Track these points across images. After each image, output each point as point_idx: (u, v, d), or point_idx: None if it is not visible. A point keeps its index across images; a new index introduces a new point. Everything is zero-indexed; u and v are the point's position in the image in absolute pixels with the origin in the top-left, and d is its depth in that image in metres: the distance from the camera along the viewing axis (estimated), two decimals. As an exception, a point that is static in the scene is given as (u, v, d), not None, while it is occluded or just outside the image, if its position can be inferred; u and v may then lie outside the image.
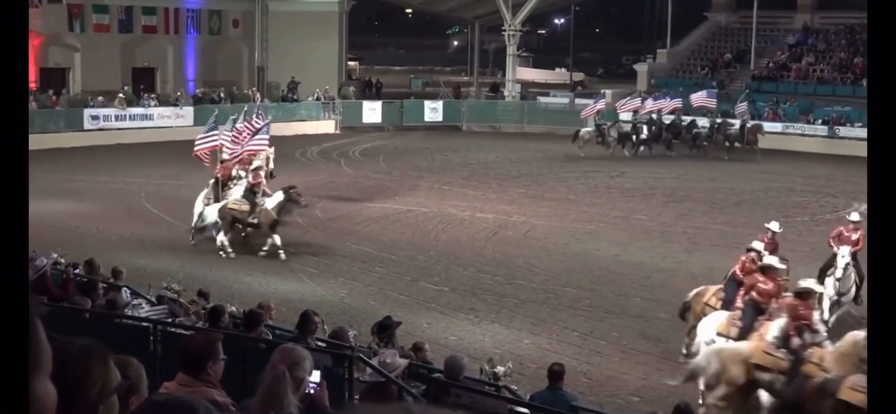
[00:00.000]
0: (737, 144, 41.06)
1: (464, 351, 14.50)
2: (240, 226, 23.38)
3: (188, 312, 13.26)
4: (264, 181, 24.19)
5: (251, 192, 23.42)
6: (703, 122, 42.65)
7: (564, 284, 20.97)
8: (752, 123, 41.90)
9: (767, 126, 41.87)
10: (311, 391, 5.31)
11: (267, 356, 5.51)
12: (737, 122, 41.93)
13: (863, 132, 44.20)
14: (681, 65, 56.13)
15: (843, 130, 44.44)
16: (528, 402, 10.41)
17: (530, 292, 20.29)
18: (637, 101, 43.28)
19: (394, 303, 19.06)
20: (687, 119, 42.46)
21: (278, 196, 23.39)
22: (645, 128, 41.54)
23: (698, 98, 43.27)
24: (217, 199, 23.98)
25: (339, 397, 8.44)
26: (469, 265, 22.35)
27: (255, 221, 23.18)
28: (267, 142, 25.57)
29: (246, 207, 23.19)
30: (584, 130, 41.46)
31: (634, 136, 41.37)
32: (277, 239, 22.84)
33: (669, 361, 16.13)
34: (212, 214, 23.69)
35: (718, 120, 42.35)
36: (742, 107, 42.89)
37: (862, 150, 42.03)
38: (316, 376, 5.38)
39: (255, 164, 24.56)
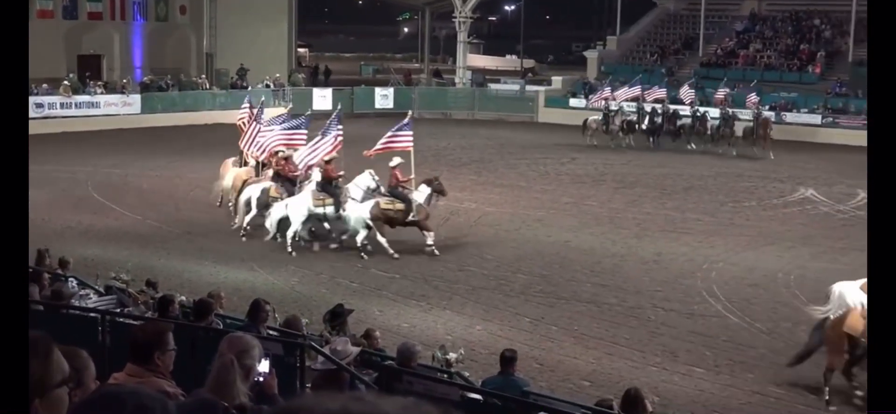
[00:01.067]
0: (740, 137, 38.70)
1: (416, 338, 14.51)
2: (390, 226, 22.18)
3: (137, 301, 13.14)
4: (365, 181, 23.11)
5: (329, 184, 22.61)
6: (684, 111, 41.09)
7: (516, 270, 21.05)
8: (764, 116, 39.43)
9: (715, 111, 42.09)
10: (260, 380, 5.29)
11: (217, 346, 5.47)
12: (749, 115, 39.64)
13: (809, 118, 44.89)
14: (630, 51, 56.45)
15: (789, 116, 45.00)
16: (480, 387, 10.44)
17: (482, 279, 20.35)
18: (607, 91, 42.30)
19: (345, 290, 19.02)
20: (672, 108, 41.02)
21: (424, 190, 22.58)
22: (647, 118, 40.15)
23: (651, 91, 42.55)
24: (289, 196, 22.93)
25: (291, 386, 8.41)
26: (420, 252, 22.33)
27: (415, 218, 22.20)
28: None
29: (401, 206, 22.15)
30: (591, 118, 40.47)
31: (638, 127, 40.01)
32: (431, 237, 22.06)
33: (620, 345, 16.27)
34: (297, 211, 22.31)
35: (699, 111, 40.52)
36: (753, 98, 40.69)
37: (807, 134, 42.87)
38: (265, 365, 5.36)
39: (303, 155, 23.65)
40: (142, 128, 42.51)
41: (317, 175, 23.05)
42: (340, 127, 23.70)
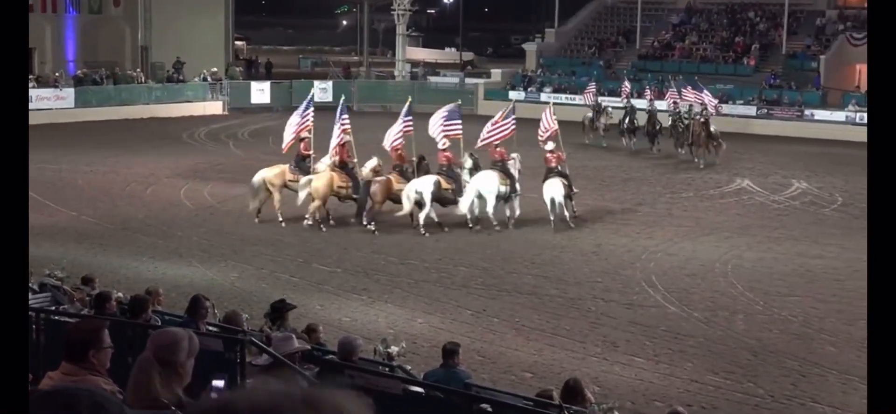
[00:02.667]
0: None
1: (357, 332, 14.45)
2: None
3: (73, 299, 12.91)
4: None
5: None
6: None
7: (457, 263, 21.07)
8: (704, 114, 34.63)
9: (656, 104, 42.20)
10: (214, 396, 5.19)
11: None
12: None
13: (744, 109, 45.53)
14: (568, 44, 56.83)
15: (725, 107, 45.58)
16: (422, 381, 10.43)
17: (423, 272, 20.34)
18: (593, 87, 41.15)
19: (286, 285, 18.90)
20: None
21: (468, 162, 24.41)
22: (628, 118, 37.81)
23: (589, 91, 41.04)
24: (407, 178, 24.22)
25: (232, 383, 8.32)
26: (362, 246, 22.28)
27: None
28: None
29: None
30: (585, 116, 38.97)
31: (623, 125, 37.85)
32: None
33: (561, 336, 16.37)
34: (490, 191, 23.86)
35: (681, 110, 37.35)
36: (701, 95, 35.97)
37: (743, 126, 43.50)
38: (220, 384, 5.27)
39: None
40: (76, 122, 41.80)
41: (468, 162, 24.55)
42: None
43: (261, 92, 50.14)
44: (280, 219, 23.96)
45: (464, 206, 23.80)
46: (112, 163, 32.89)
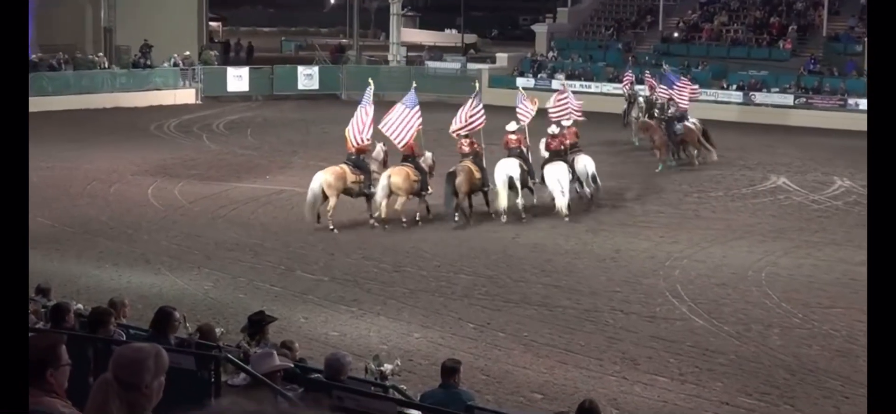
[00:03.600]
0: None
1: (346, 348, 14.45)
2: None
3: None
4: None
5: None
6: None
7: (458, 270, 21.07)
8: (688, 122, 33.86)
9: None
10: None
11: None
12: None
13: (780, 98, 45.53)
14: (583, 25, 56.86)
15: (759, 96, 45.64)
16: (418, 402, 10.43)
17: (420, 280, 20.34)
18: (630, 75, 40.39)
19: (266, 295, 18.90)
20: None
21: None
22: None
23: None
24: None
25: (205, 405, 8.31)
26: (351, 252, 22.28)
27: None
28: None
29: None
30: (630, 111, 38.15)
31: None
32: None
33: (575, 353, 16.37)
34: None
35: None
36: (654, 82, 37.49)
37: (779, 117, 43.55)
38: None
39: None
40: (31, 113, 41.55)
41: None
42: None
43: (238, 79, 50.16)
44: (332, 227, 23.95)
45: (502, 201, 24.96)
46: (71, 158, 32.90)
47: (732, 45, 51.14)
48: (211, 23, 63.07)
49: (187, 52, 49.91)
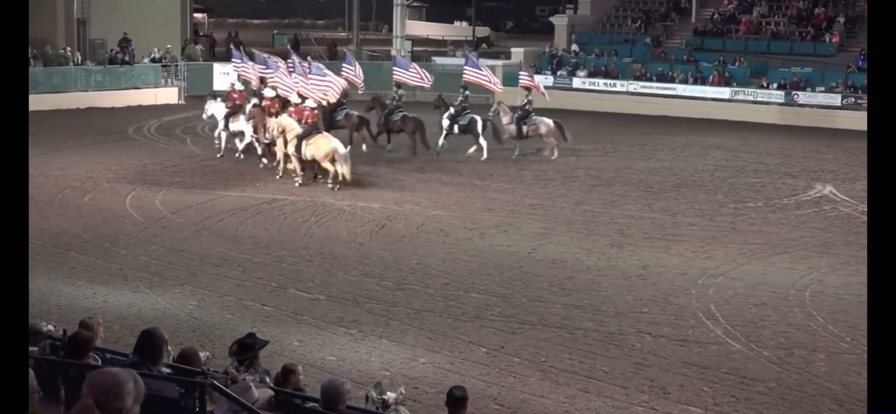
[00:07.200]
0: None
1: (345, 374, 14.47)
2: None
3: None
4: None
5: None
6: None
7: (468, 288, 21.09)
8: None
9: (712, 91, 42.39)
10: None
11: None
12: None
13: (826, 98, 45.48)
14: (607, 17, 56.91)
15: (802, 96, 45.58)
16: (425, 435, 10.44)
17: (426, 300, 20.36)
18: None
19: (256, 316, 18.93)
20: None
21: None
22: None
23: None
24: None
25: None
26: (350, 267, 22.31)
27: None
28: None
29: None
30: None
31: None
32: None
33: (598, 380, 16.37)
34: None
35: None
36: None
37: (825, 119, 43.50)
38: None
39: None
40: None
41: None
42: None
43: (226, 76, 50.20)
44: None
45: None
46: (40, 164, 32.97)
47: (773, 38, 51.14)
48: (196, 14, 63.24)
49: (169, 46, 50.01)
